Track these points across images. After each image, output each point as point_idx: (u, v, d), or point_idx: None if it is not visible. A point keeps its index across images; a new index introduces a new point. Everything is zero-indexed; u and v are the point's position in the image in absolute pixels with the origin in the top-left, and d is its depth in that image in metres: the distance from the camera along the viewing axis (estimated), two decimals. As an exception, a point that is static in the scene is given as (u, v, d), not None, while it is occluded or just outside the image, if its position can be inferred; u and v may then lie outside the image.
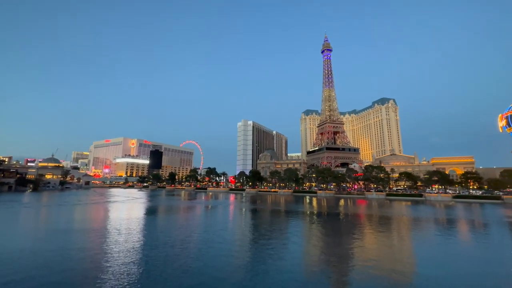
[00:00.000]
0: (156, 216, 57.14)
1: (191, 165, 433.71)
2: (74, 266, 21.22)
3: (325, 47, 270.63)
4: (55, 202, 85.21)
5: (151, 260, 23.06)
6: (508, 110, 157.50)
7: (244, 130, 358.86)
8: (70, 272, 19.69)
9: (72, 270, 20.25)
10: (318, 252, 28.67)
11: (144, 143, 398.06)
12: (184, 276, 19.29)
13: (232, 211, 70.57)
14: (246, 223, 50.13)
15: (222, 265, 22.36)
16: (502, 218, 57.95)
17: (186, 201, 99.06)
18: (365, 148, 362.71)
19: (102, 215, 55.06)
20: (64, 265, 21.23)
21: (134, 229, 38.76)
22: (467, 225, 49.43)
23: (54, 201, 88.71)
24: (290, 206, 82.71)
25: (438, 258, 26.22)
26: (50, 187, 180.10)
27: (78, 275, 19.22)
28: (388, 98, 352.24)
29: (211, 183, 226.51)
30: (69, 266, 21.03)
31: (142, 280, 18.27)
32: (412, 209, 77.08)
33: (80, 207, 70.82)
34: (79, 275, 19.22)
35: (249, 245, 30.47)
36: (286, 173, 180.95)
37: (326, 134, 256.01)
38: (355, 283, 19.19)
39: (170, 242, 30.43)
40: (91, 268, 20.73)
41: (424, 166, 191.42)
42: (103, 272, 19.63)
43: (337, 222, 51.67)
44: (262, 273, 20.50)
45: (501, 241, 36.04)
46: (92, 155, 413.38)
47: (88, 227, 40.35)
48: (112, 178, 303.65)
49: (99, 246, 27.62)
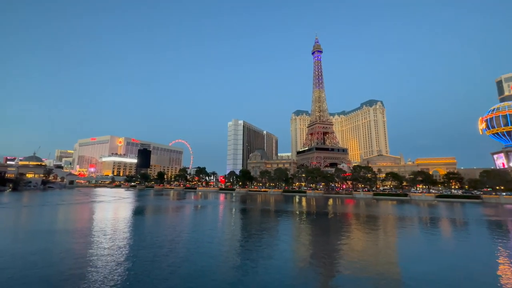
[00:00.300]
0: (144, 216, 56.03)
1: (180, 164, 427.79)
2: (57, 268, 20.49)
3: (315, 48, 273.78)
4: (36, 202, 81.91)
5: (138, 260, 22.60)
6: (488, 114, 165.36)
7: (235, 129, 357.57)
8: (52, 275, 18.99)
9: (54, 272, 19.54)
10: (307, 251, 29.01)
11: (132, 141, 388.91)
12: (172, 277, 19.03)
13: (221, 211, 70.22)
14: (236, 222, 50.03)
15: (211, 265, 22.21)
16: (481, 217, 60.66)
17: (175, 201, 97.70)
18: (353, 148, 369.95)
19: (87, 216, 53.37)
20: (45, 268, 20.46)
21: (121, 229, 37.85)
22: (449, 223, 51.42)
23: (35, 201, 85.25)
24: (280, 205, 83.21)
25: (422, 255, 27.19)
26: (31, 187, 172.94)
27: (60, 277, 18.56)
28: (376, 100, 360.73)
29: (201, 182, 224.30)
30: (51, 269, 20.28)
31: (129, 282, 17.87)
32: (398, 208, 79.36)
33: (64, 208, 68.42)
34: (61, 277, 18.57)
35: (239, 245, 30.43)
36: (276, 173, 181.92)
37: (316, 135, 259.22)
38: (343, 280, 19.56)
39: (158, 242, 29.94)
40: (74, 270, 20.06)
41: (410, 167, 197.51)
42: (87, 274, 19.06)
43: (326, 221, 52.47)
44: (252, 272, 20.53)
45: (480, 238, 37.75)
46: (77, 153, 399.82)
47: (72, 227, 39.05)
48: (98, 178, 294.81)
49: (83, 247, 26.79)
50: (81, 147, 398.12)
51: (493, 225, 48.88)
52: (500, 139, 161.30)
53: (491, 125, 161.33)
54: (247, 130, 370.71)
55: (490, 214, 66.70)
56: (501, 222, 53.44)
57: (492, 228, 46.21)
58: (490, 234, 40.80)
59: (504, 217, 60.82)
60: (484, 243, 34.35)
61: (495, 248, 30.60)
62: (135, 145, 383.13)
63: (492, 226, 47.73)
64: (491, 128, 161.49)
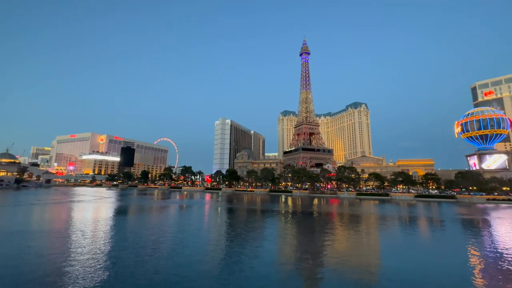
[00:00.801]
0: (126, 216, 54.34)
1: (165, 163, 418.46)
2: (30, 271, 19.39)
3: (303, 50, 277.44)
4: (8, 202, 77.16)
5: (120, 261, 21.88)
6: (463, 118, 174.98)
7: (222, 128, 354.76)
8: (26, 278, 17.96)
9: (28, 275, 18.49)
10: (292, 249, 29.37)
11: (114, 139, 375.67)
12: (156, 277, 18.60)
13: (207, 210, 69.49)
14: (222, 222, 49.71)
15: (197, 264, 21.93)
16: (455, 216, 64.12)
17: (159, 201, 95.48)
18: (338, 149, 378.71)
19: (65, 216, 50.92)
20: (19, 270, 19.31)
21: (101, 230, 36.48)
22: (426, 222, 53.93)
23: (7, 201, 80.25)
24: (266, 205, 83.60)
25: (401, 252, 28.37)
26: (3, 186, 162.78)
27: (35, 280, 17.60)
28: (360, 103, 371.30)
29: (187, 182, 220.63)
30: (25, 271, 19.17)
31: (110, 283, 17.25)
32: (379, 208, 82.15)
33: (39, 208, 64.92)
34: (36, 280, 17.60)
35: (225, 244, 30.27)
36: (263, 172, 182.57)
37: (302, 135, 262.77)
38: (326, 277, 19.99)
39: (141, 242, 29.15)
40: (50, 272, 19.10)
41: (391, 168, 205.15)
42: (64, 276, 18.20)
43: (311, 220, 53.34)
44: (238, 271, 20.49)
45: (454, 236, 39.93)
46: (54, 150, 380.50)
47: (48, 228, 37.13)
48: (77, 176, 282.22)
49: (60, 249, 25.55)
50: (60, 144, 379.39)
51: (466, 223, 51.82)
52: (474, 142, 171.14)
53: (465, 129, 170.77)
54: (235, 130, 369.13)
55: (464, 213, 70.62)
56: (473, 220, 56.76)
57: (465, 226, 48.96)
58: (463, 232, 43.22)
59: (476, 216, 64.62)
60: (458, 240, 36.36)
61: (467, 244, 32.48)
62: (118, 143, 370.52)
63: (465, 224, 50.57)
64: (466, 132, 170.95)
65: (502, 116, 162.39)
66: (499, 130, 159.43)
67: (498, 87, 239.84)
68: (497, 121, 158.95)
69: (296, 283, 19.17)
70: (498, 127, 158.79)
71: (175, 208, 72.03)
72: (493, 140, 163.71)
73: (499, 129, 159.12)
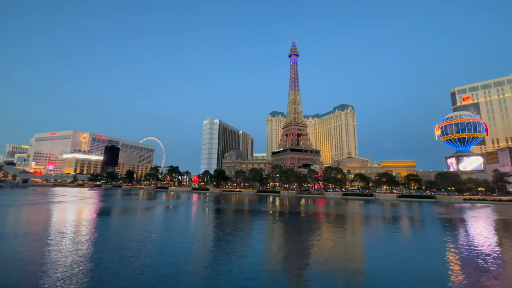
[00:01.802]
0: (110, 217, 52.63)
1: (151, 163, 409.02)
2: (4, 275, 18.37)
3: (292, 51, 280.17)
4: (-19, 203, 72.63)
5: (103, 262, 21.17)
6: (443, 122, 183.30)
7: (210, 128, 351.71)
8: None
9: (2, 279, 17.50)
10: (280, 249, 29.59)
11: (98, 137, 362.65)
12: (141, 278, 18.15)
13: (194, 211, 68.63)
14: (209, 222, 49.27)
15: (184, 265, 21.61)
16: (435, 215, 66.99)
17: (144, 201, 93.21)
18: (325, 150, 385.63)
19: (43, 217, 48.59)
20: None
21: (83, 231, 35.14)
22: (407, 221, 56.00)
23: (-20, 202, 75.55)
24: (254, 205, 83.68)
25: (385, 250, 29.31)
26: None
27: (9, 285, 16.68)
28: (347, 105, 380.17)
29: (173, 182, 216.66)
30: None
31: (93, 284, 16.64)
32: (364, 208, 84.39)
33: (15, 209, 61.67)
34: (10, 284, 16.69)
35: (213, 244, 30.03)
36: (251, 173, 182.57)
37: (290, 136, 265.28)
38: (314, 276, 20.30)
39: (125, 243, 28.32)
40: (25, 276, 18.15)
41: (376, 168, 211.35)
42: (41, 280, 17.36)
43: (298, 220, 53.96)
44: (226, 271, 20.38)
45: (434, 234, 41.72)
46: (32, 149, 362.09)
47: (25, 230, 35.32)
48: (57, 176, 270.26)
49: (37, 251, 24.34)
50: (38, 142, 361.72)
51: (444, 222, 54.28)
52: (452, 145, 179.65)
53: (445, 132, 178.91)
54: (223, 130, 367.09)
55: (442, 212, 73.90)
56: (451, 219, 59.56)
57: (443, 224, 51.27)
58: (442, 230, 45.26)
59: (454, 215, 67.84)
60: (436, 238, 38.03)
61: (445, 242, 34.05)
62: (101, 142, 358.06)
63: (443, 223, 52.97)
64: (445, 135, 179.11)
65: (478, 121, 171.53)
66: (475, 134, 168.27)
67: (475, 92, 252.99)
68: (473, 125, 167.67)
69: (284, 282, 19.33)
70: (475, 131, 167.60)
71: (161, 208, 70.59)
72: (470, 143, 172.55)
73: (475, 133, 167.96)
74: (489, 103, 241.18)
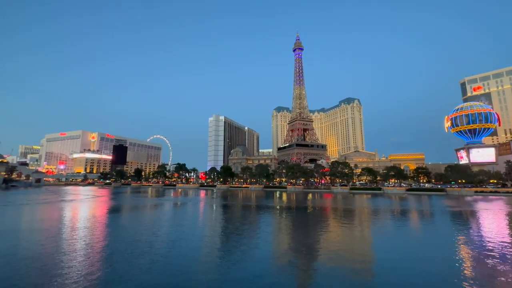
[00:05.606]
0: (121, 214, 53.77)
1: (159, 161, 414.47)
2: (23, 269, 19.04)
3: (296, 46, 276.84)
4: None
5: (113, 259, 21.64)
6: (452, 113, 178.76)
7: (216, 125, 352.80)
8: (19, 275, 17.63)
9: (20, 272, 18.15)
10: (289, 242, 29.70)
11: (106, 137, 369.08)
12: (151, 272, 18.54)
13: (202, 207, 69.42)
14: (218, 218, 49.78)
15: (194, 260, 21.95)
16: (445, 208, 65.87)
17: (153, 199, 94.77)
18: (332, 144, 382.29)
19: (56, 215, 50.01)
20: (10, 268, 18.94)
21: (95, 228, 36.03)
22: (417, 214, 55.28)
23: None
24: (261, 201, 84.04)
25: (393, 244, 29.05)
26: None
27: (25, 283, 17.29)
28: (353, 98, 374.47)
29: (181, 179, 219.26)
30: (16, 270, 18.81)
31: (105, 278, 17.11)
32: (372, 202, 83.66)
33: (29, 207, 63.58)
34: (25, 281, 17.31)
35: (223, 238, 30.40)
36: (257, 169, 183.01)
37: (296, 131, 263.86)
38: (323, 267, 20.38)
39: (135, 242, 28.88)
40: (42, 271, 18.78)
41: (383, 162, 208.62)
42: (58, 273, 17.93)
43: (306, 215, 53.97)
44: (234, 269, 20.60)
45: (443, 228, 41.08)
46: (44, 149, 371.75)
47: (38, 227, 36.41)
48: (68, 175, 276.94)
49: (51, 248, 25.09)
50: (49, 143, 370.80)
51: (455, 215, 53.36)
52: (463, 136, 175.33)
53: (455, 123, 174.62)
54: (229, 126, 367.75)
55: (453, 205, 72.59)
56: (462, 212, 58.48)
57: (454, 218, 50.41)
58: (452, 223, 44.51)
59: (464, 208, 66.56)
60: (447, 231, 37.43)
61: (455, 236, 33.49)
62: (110, 141, 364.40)
63: (454, 216, 52.08)
64: (455, 126, 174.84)
65: (490, 111, 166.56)
66: (487, 125, 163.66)
67: (486, 82, 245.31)
68: (485, 115, 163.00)
69: (294, 272, 19.45)
70: (486, 122, 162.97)
71: (170, 205, 71.66)
72: (481, 134, 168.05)
73: (487, 124, 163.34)
74: (502, 92, 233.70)
